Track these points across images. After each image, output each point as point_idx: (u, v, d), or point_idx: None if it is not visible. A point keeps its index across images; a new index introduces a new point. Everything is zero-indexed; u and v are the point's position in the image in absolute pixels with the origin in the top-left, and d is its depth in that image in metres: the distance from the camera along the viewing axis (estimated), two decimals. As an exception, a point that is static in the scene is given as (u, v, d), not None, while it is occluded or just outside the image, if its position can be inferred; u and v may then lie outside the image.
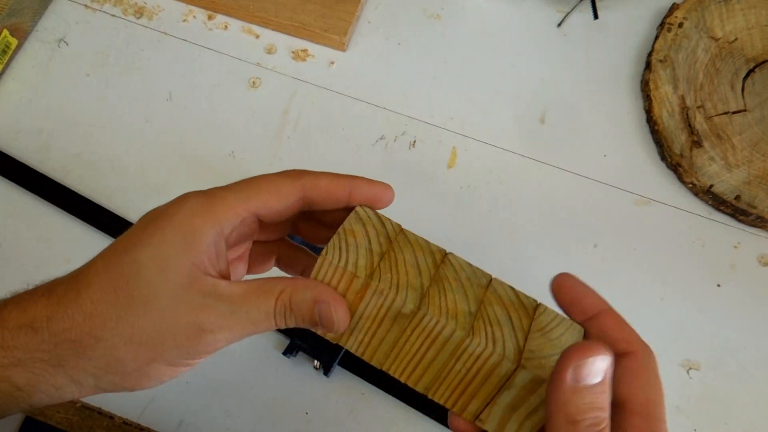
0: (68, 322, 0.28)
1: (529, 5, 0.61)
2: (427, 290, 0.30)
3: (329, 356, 0.46)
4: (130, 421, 0.46)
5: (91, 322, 0.28)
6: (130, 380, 0.29)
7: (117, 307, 0.28)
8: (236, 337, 0.29)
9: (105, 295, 0.28)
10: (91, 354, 0.28)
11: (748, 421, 0.48)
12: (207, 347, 0.29)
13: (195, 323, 0.28)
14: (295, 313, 0.29)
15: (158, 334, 0.28)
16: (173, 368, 0.29)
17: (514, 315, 0.30)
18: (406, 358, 0.31)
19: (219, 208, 0.29)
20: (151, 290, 0.28)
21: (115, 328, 0.28)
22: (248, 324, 0.29)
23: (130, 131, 0.55)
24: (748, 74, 0.55)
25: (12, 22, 0.55)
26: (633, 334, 0.29)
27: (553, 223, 0.53)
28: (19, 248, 0.51)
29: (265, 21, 0.58)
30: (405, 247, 0.31)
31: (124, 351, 0.28)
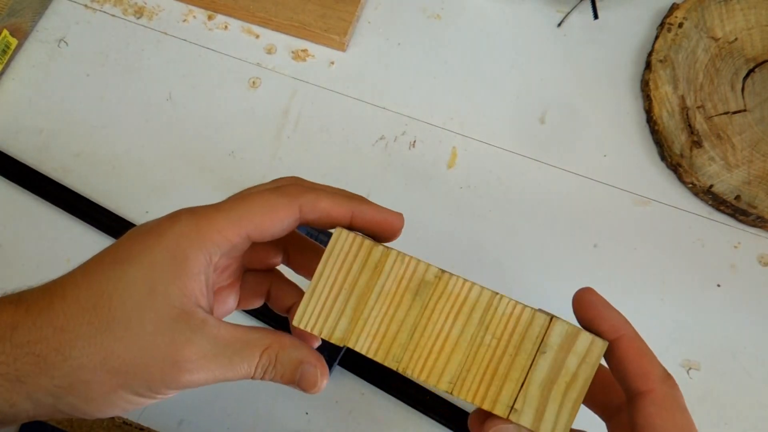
0: (35, 335, 0.26)
1: (529, 5, 0.61)
2: None
3: (329, 356, 0.46)
4: (130, 422, 0.46)
5: (61, 338, 0.26)
6: (91, 406, 0.27)
7: (93, 325, 0.26)
8: (210, 380, 0.27)
9: (81, 311, 0.26)
10: (55, 373, 0.26)
11: (748, 421, 0.48)
12: (178, 384, 0.27)
13: (174, 359, 0.26)
14: (277, 370, 0.29)
15: (133, 363, 0.26)
16: (138, 398, 0.27)
17: None
18: (429, 343, 0.28)
19: (208, 232, 0.27)
20: (134, 314, 0.26)
21: (87, 348, 0.26)
22: (228, 370, 0.27)
23: (130, 131, 0.55)
24: (748, 74, 0.55)
25: (12, 22, 0.55)
26: (652, 366, 0.27)
27: (553, 223, 0.53)
28: (19, 248, 0.51)
29: (265, 21, 0.58)
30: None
31: (92, 374, 0.26)
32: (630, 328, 0.28)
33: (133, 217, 0.52)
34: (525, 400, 0.27)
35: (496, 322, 0.28)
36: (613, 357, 0.28)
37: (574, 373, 0.27)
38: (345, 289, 0.29)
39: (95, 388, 0.26)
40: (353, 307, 0.29)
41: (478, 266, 0.52)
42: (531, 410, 0.27)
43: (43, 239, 0.52)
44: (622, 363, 0.27)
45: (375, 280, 0.28)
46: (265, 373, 0.28)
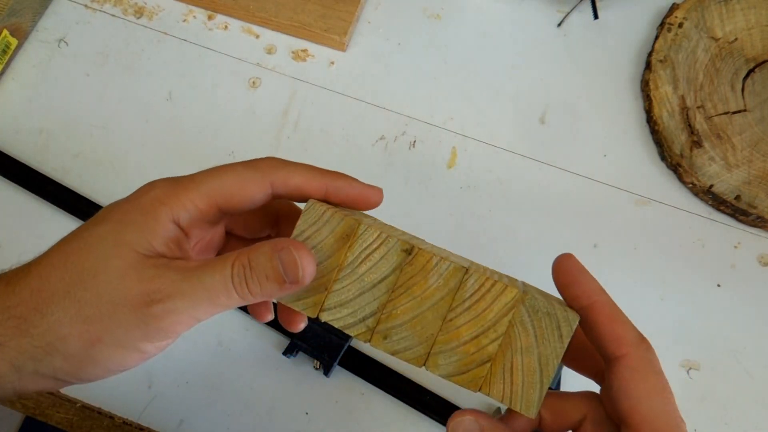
0: (14, 299, 0.26)
1: (529, 5, 0.61)
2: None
3: (329, 356, 0.46)
4: (130, 421, 0.46)
5: (38, 297, 0.26)
6: (72, 365, 0.26)
7: (64, 281, 0.26)
8: (191, 308, 0.26)
9: (54, 270, 0.27)
10: (34, 331, 0.26)
11: (748, 421, 0.48)
12: (160, 322, 0.26)
13: (143, 292, 0.26)
14: (255, 272, 0.26)
15: (105, 307, 0.26)
16: (123, 352, 0.26)
17: None
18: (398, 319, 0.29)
19: (179, 197, 0.28)
20: (101, 262, 0.26)
21: (62, 302, 0.26)
22: (203, 292, 0.26)
23: (130, 131, 0.55)
24: (748, 74, 0.55)
25: (12, 22, 0.55)
26: (625, 330, 0.27)
27: (553, 223, 0.53)
28: (19, 248, 0.51)
29: (265, 21, 0.58)
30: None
31: (69, 327, 0.26)
32: (604, 295, 0.28)
33: (133, 217, 0.52)
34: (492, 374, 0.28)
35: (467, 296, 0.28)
36: (587, 323, 0.28)
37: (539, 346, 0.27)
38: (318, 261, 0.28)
39: (73, 343, 0.26)
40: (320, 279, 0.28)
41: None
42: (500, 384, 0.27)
43: (43, 239, 0.52)
44: (595, 329, 0.28)
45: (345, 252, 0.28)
46: (247, 282, 0.27)
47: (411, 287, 0.28)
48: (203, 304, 0.26)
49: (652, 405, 0.25)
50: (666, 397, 0.26)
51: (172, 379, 0.48)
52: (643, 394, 0.26)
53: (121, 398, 0.47)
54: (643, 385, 0.26)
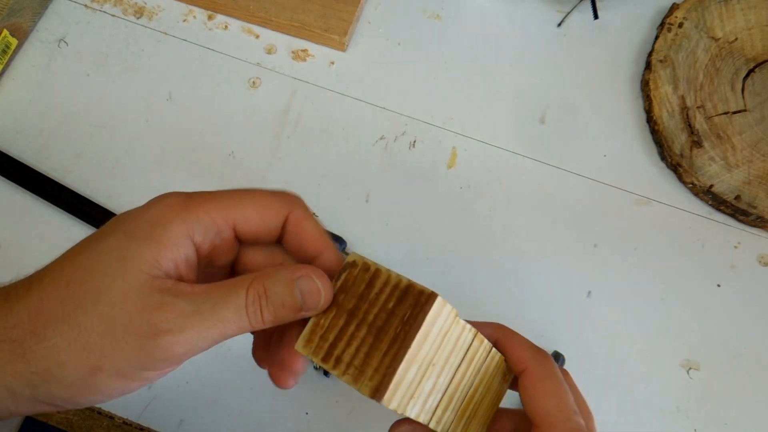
0: (11, 320, 0.25)
1: (529, 5, 0.61)
2: None
3: None
4: (130, 421, 0.46)
5: (36, 320, 0.24)
6: (71, 392, 0.25)
7: (65, 303, 0.24)
8: (200, 340, 0.25)
9: (54, 290, 0.25)
10: (30, 356, 0.24)
11: (748, 421, 0.48)
12: (165, 353, 0.24)
13: (150, 322, 0.24)
14: (271, 300, 0.25)
15: (106, 335, 0.24)
16: (125, 381, 0.25)
17: None
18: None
19: (195, 209, 0.26)
20: (103, 284, 0.24)
21: (60, 326, 0.24)
22: (215, 323, 0.24)
23: (130, 131, 0.55)
24: (748, 74, 0.55)
25: (12, 22, 0.55)
26: (524, 349, 0.31)
27: (553, 223, 0.53)
28: (19, 248, 0.51)
29: (265, 21, 0.58)
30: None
31: (67, 354, 0.24)
32: (501, 330, 0.32)
33: (133, 217, 0.52)
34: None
35: None
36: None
37: None
38: None
39: (71, 371, 0.24)
40: None
41: (477, 266, 0.52)
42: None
43: (43, 239, 0.52)
44: (506, 359, 0.32)
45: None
46: (262, 311, 0.25)
47: None
48: (213, 334, 0.25)
49: (547, 404, 0.29)
50: (559, 396, 0.29)
51: (172, 379, 0.48)
52: (539, 396, 0.30)
53: (121, 398, 0.46)
54: (540, 389, 0.30)
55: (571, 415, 0.29)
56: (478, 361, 0.30)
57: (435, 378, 0.27)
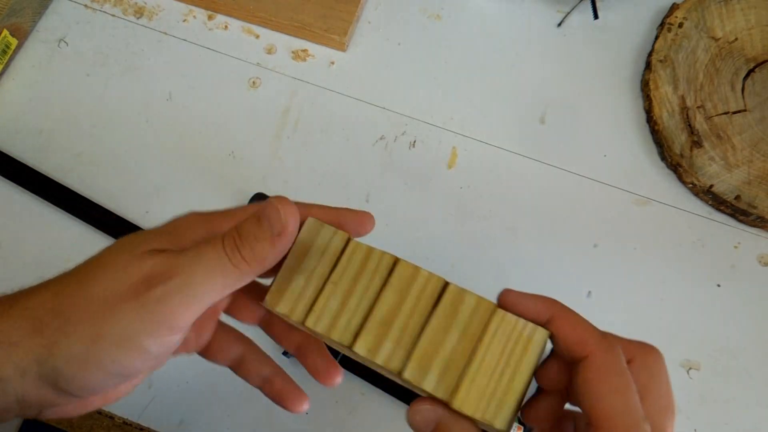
0: (33, 301, 0.27)
1: (529, 5, 0.61)
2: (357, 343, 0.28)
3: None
4: (131, 422, 0.46)
5: (55, 300, 0.27)
6: (73, 366, 0.25)
7: (81, 282, 0.27)
8: (189, 286, 0.26)
9: (74, 275, 0.28)
10: (46, 330, 0.26)
11: (748, 421, 0.48)
12: (160, 306, 0.25)
13: (142, 277, 0.26)
14: (245, 238, 0.27)
15: (107, 301, 0.26)
16: (124, 350, 0.26)
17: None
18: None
19: (210, 219, 0.29)
20: (111, 258, 0.27)
21: (74, 300, 0.26)
22: (200, 270, 0.26)
23: (130, 131, 0.55)
24: (748, 74, 0.55)
25: (12, 22, 0.55)
26: (587, 332, 0.27)
27: (553, 223, 0.53)
28: (19, 248, 0.51)
29: (265, 21, 0.58)
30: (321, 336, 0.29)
31: (75, 325, 0.26)
32: (558, 306, 0.28)
33: (133, 217, 0.52)
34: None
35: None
36: (553, 337, 0.28)
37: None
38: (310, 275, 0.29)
39: (76, 341, 0.25)
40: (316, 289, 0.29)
41: (477, 266, 0.52)
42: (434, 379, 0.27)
43: (43, 239, 0.52)
44: (560, 339, 0.27)
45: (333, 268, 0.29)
46: (240, 250, 0.27)
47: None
48: (200, 283, 0.26)
49: (613, 403, 0.25)
50: (628, 395, 0.25)
51: (172, 379, 0.48)
52: (604, 392, 0.25)
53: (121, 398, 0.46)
54: (606, 384, 0.26)
55: (639, 422, 0.25)
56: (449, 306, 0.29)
57: (341, 297, 0.28)
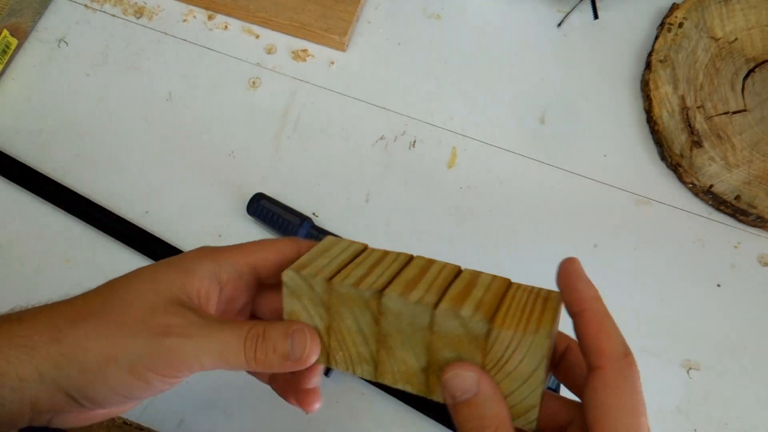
0: (56, 311, 0.30)
1: (529, 5, 0.61)
2: (377, 356, 0.30)
3: None
4: (130, 422, 0.46)
5: (76, 313, 0.29)
6: (86, 378, 0.28)
7: (104, 305, 0.30)
8: (202, 352, 0.28)
9: (97, 296, 0.30)
10: (64, 339, 0.28)
11: (748, 421, 0.48)
12: (170, 353, 0.28)
13: (163, 324, 0.29)
14: (267, 342, 0.29)
15: (126, 330, 0.28)
16: (132, 378, 0.28)
17: (465, 355, 0.28)
18: None
19: (222, 254, 0.32)
20: (137, 296, 0.30)
21: (94, 319, 0.29)
22: (215, 344, 0.29)
23: (130, 131, 0.55)
24: (748, 74, 0.55)
25: (12, 22, 0.55)
26: (609, 342, 0.26)
27: (553, 223, 0.53)
28: (19, 248, 0.51)
29: (265, 21, 0.58)
30: (341, 310, 0.30)
31: (92, 341, 0.28)
32: (596, 304, 0.27)
33: (133, 217, 0.52)
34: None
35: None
36: (577, 331, 0.27)
37: None
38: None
39: (91, 356, 0.28)
40: None
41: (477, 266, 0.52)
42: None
43: (43, 239, 0.52)
44: (582, 337, 0.27)
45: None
46: (256, 349, 0.29)
47: None
48: (211, 354, 0.29)
49: (618, 422, 0.25)
50: (636, 418, 0.25)
51: (172, 379, 0.48)
52: (612, 408, 0.25)
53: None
54: (614, 399, 0.25)
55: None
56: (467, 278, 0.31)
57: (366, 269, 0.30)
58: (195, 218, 0.52)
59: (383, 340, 0.29)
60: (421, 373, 0.29)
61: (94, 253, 0.51)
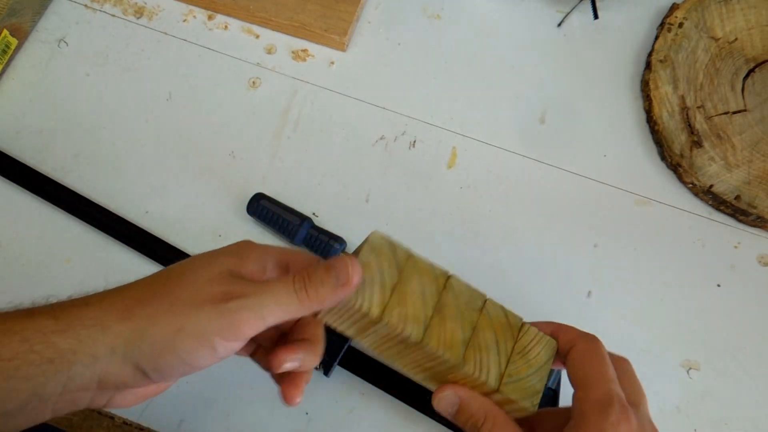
0: (125, 293, 0.32)
1: (529, 5, 0.61)
2: (430, 321, 0.34)
3: (329, 356, 0.46)
4: (130, 422, 0.46)
5: (143, 293, 0.32)
6: (156, 350, 0.31)
7: (166, 285, 0.33)
8: (259, 306, 0.32)
9: (158, 278, 0.33)
10: (133, 318, 0.31)
11: (748, 421, 0.48)
12: (233, 315, 0.31)
13: (223, 291, 0.32)
14: (312, 281, 0.32)
15: (191, 303, 0.31)
16: (199, 345, 0.31)
17: (501, 338, 0.35)
18: (410, 364, 0.36)
19: (266, 247, 0.36)
20: (196, 274, 0.33)
21: (161, 298, 0.32)
22: (270, 295, 0.32)
23: (130, 131, 0.55)
24: (748, 74, 0.55)
25: (12, 22, 0.55)
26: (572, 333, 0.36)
27: (553, 223, 0.53)
28: (19, 248, 0.51)
29: (265, 21, 0.58)
30: (413, 276, 0.35)
31: (161, 316, 0.31)
32: (553, 324, 0.37)
33: (133, 217, 0.52)
34: None
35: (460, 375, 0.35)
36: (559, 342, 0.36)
37: None
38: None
39: (161, 329, 0.31)
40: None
41: (477, 266, 0.52)
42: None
43: (42, 239, 0.52)
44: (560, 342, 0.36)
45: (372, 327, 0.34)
46: (307, 289, 0.33)
47: None
48: (269, 306, 0.32)
49: (588, 370, 0.33)
50: (601, 366, 0.33)
51: (172, 379, 0.48)
52: (582, 363, 0.34)
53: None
54: (584, 359, 0.34)
55: (608, 382, 0.33)
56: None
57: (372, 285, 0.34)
58: (195, 218, 0.52)
59: (440, 309, 0.34)
60: (461, 345, 0.34)
61: (93, 253, 0.51)
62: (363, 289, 0.34)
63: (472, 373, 0.34)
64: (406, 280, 0.34)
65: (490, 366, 0.34)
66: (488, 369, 0.34)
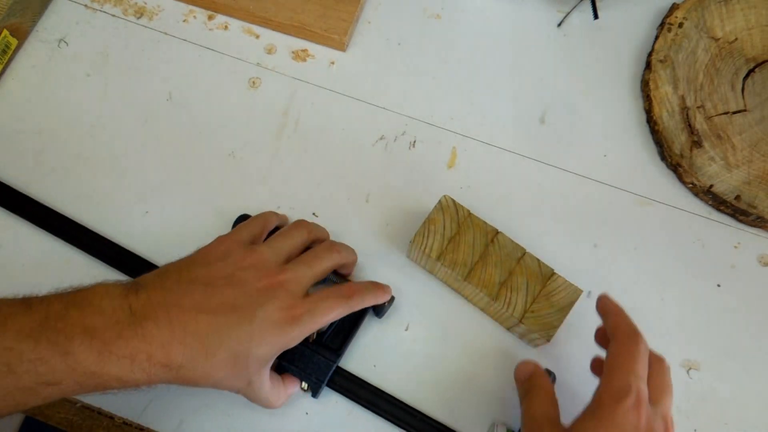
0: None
1: (529, 5, 0.61)
2: (474, 265, 0.46)
3: (317, 378, 0.46)
4: (130, 421, 0.46)
5: None
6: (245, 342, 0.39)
7: None
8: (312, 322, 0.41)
9: None
10: None
11: (748, 421, 0.48)
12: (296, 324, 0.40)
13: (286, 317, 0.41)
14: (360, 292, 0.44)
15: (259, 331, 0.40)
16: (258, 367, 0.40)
17: (531, 282, 0.46)
18: (469, 296, 0.49)
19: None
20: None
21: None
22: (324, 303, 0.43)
23: (130, 131, 0.55)
24: (748, 74, 0.55)
25: (12, 22, 0.55)
26: (624, 326, 0.40)
27: (553, 223, 0.53)
28: (19, 248, 0.51)
29: (265, 21, 0.58)
30: (468, 230, 0.47)
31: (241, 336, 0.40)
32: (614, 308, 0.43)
33: (132, 216, 0.52)
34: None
35: (492, 308, 0.48)
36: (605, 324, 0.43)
37: None
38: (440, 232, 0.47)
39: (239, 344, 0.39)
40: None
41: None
42: None
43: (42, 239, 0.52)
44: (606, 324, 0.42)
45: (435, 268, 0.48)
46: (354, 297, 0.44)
47: None
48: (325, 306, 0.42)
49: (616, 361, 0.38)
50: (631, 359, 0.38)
51: (172, 379, 0.48)
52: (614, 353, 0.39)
53: (121, 398, 0.46)
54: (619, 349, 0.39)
55: (630, 374, 0.36)
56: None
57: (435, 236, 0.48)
58: (195, 218, 0.52)
59: (484, 257, 0.46)
60: (497, 285, 0.46)
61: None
62: (428, 238, 0.46)
63: (501, 307, 0.45)
64: (463, 233, 0.47)
65: (517, 303, 0.45)
66: (515, 305, 0.45)
